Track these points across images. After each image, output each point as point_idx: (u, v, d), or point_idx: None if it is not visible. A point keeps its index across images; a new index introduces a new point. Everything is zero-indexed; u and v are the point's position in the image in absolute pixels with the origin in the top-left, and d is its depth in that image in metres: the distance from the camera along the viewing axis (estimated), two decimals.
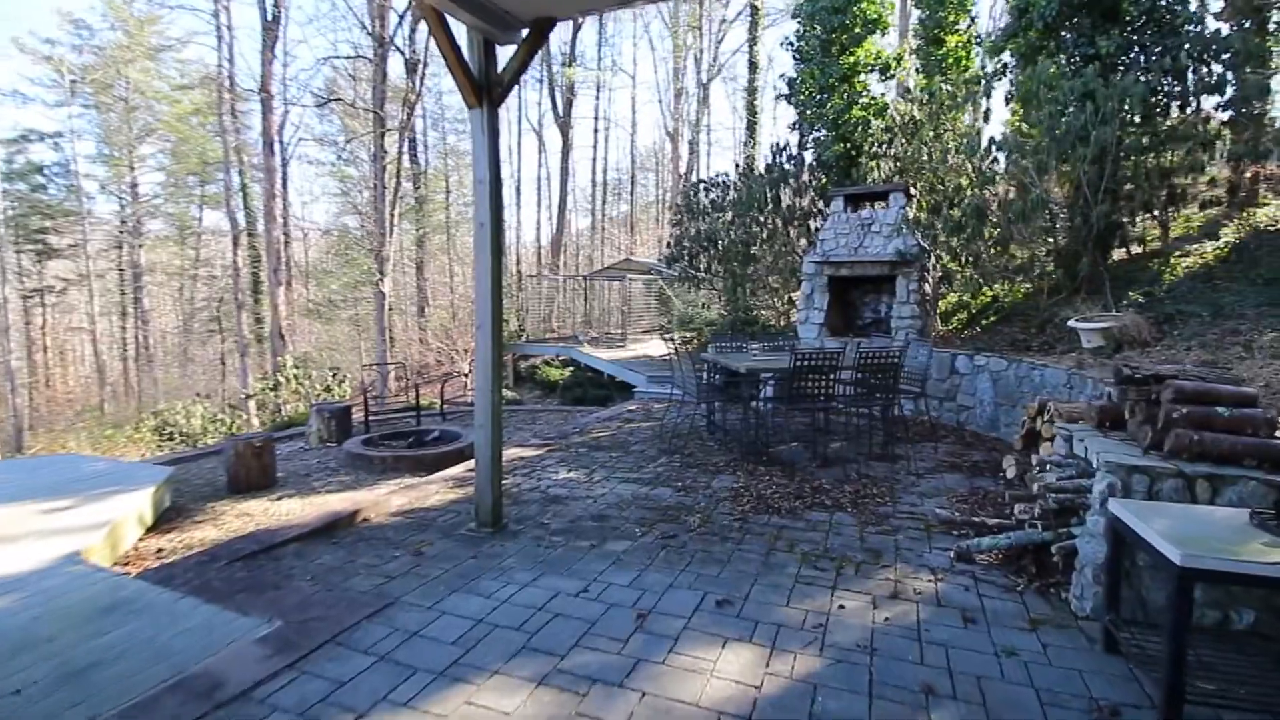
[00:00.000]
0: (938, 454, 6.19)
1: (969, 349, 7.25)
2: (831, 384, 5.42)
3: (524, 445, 6.80)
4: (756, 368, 5.61)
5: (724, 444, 6.61)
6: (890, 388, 5.61)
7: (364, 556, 3.79)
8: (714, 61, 34.64)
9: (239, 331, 29.57)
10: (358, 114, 25.34)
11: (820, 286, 8.65)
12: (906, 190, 8.20)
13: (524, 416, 9.38)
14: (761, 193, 10.56)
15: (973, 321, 9.16)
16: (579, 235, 39.72)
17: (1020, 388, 6.40)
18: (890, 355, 5.42)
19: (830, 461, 5.88)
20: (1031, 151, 7.12)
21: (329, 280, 29.43)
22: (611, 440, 6.98)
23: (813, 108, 10.49)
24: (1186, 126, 7.55)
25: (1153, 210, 8.08)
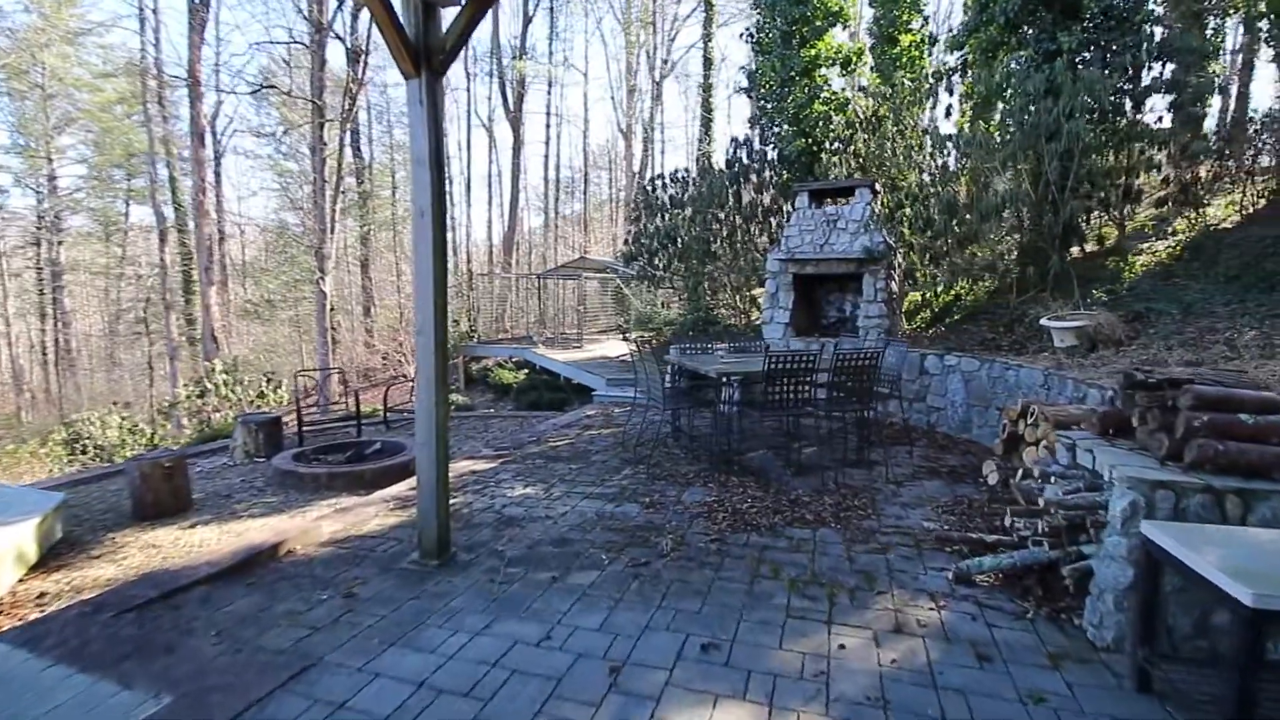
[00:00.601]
0: (913, 458, 5.95)
1: (938, 348, 7.06)
2: (807, 388, 5.08)
3: (475, 457, 6.25)
4: (727, 371, 5.23)
5: (691, 452, 6.21)
6: (867, 391, 5.31)
7: (285, 601, 3.23)
8: (667, 59, 34.40)
9: (168, 334, 27.81)
10: (295, 104, 24.04)
11: (785, 285, 8.36)
12: (872, 186, 7.99)
13: (475, 423, 8.81)
14: (721, 188, 10.23)
15: (936, 320, 9.04)
16: (532, 234, 38.93)
17: (994, 388, 6.22)
18: (868, 357, 5.13)
19: (805, 469, 5.56)
20: (997, 146, 6.97)
21: (266, 279, 27.89)
22: (571, 450, 6.51)
23: (773, 101, 10.23)
24: (1142, 125, 7.57)
25: (1110, 208, 8.09)
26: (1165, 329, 5.60)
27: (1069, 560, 3.12)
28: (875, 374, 5.26)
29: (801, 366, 4.97)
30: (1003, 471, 5.01)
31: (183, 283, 26.34)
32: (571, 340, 15.67)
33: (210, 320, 22.60)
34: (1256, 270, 5.98)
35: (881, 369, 5.35)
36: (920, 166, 9.57)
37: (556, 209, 39.21)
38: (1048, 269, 6.91)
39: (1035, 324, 6.81)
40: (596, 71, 60.38)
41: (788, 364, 4.94)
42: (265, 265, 29.15)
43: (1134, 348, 5.52)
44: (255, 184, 50.39)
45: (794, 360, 4.94)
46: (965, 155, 7.26)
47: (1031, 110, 6.48)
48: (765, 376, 4.95)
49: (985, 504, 4.61)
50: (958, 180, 7.48)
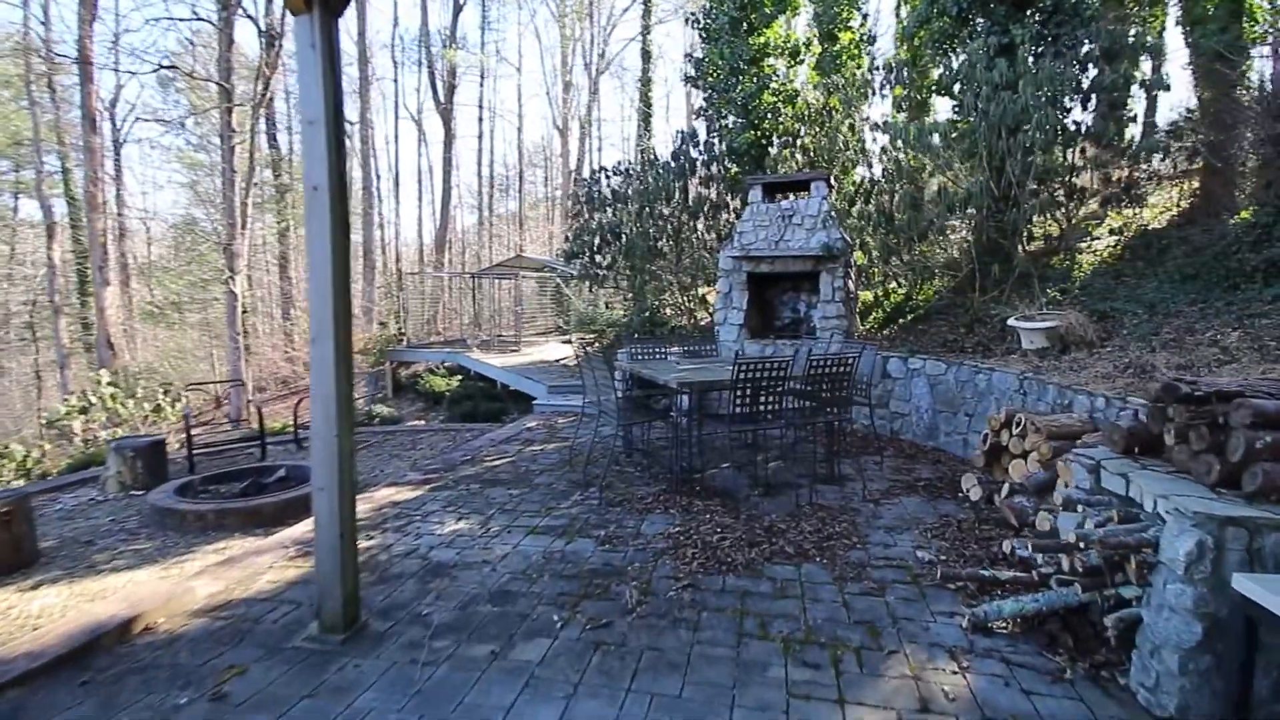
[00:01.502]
0: (884, 470, 5.53)
1: (901, 350, 6.71)
2: (777, 397, 4.55)
3: (399, 483, 5.44)
4: (690, 381, 4.64)
5: (647, 470, 5.60)
6: (843, 400, 4.83)
7: (128, 709, 2.41)
8: (603, 55, 33.77)
9: (57, 340, 25.18)
10: (206, 89, 22.04)
11: (739, 284, 7.86)
12: (829, 180, 7.59)
13: (402, 439, 7.92)
14: (667, 182, 9.67)
15: (889, 321, 8.75)
16: (465, 233, 37.50)
17: (962, 393, 5.88)
18: (843, 363, 4.64)
19: (773, 487, 5.03)
20: (955, 140, 6.67)
21: (170, 279, 25.61)
22: (511, 470, 5.77)
23: (721, 91, 9.74)
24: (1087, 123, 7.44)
25: (1056, 206, 7.98)
26: (1138, 330, 5.38)
27: (1108, 607, 2.67)
28: (851, 381, 4.78)
29: (773, 374, 4.43)
30: (986, 486, 4.63)
31: (79, 283, 23.85)
32: (509, 343, 14.80)
33: (105, 325, 20.40)
34: (1217, 269, 5.88)
35: (856, 375, 4.88)
36: (870, 161, 9.29)
37: (491, 207, 37.93)
38: (1013, 267, 6.66)
39: (999, 324, 6.55)
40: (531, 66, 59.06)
41: (758, 372, 4.39)
42: (169, 264, 26.74)
43: (1108, 349, 5.27)
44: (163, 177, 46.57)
45: (765, 367, 4.39)
46: (925, 148, 6.94)
47: (993, 102, 6.18)
48: (733, 386, 4.38)
49: (975, 525, 4.19)
50: (919, 174, 7.16)
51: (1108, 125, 7.23)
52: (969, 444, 5.75)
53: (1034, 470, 4.27)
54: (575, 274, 11.58)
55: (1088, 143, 7.42)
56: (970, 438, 5.75)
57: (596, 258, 10.34)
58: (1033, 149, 6.30)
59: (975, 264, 6.82)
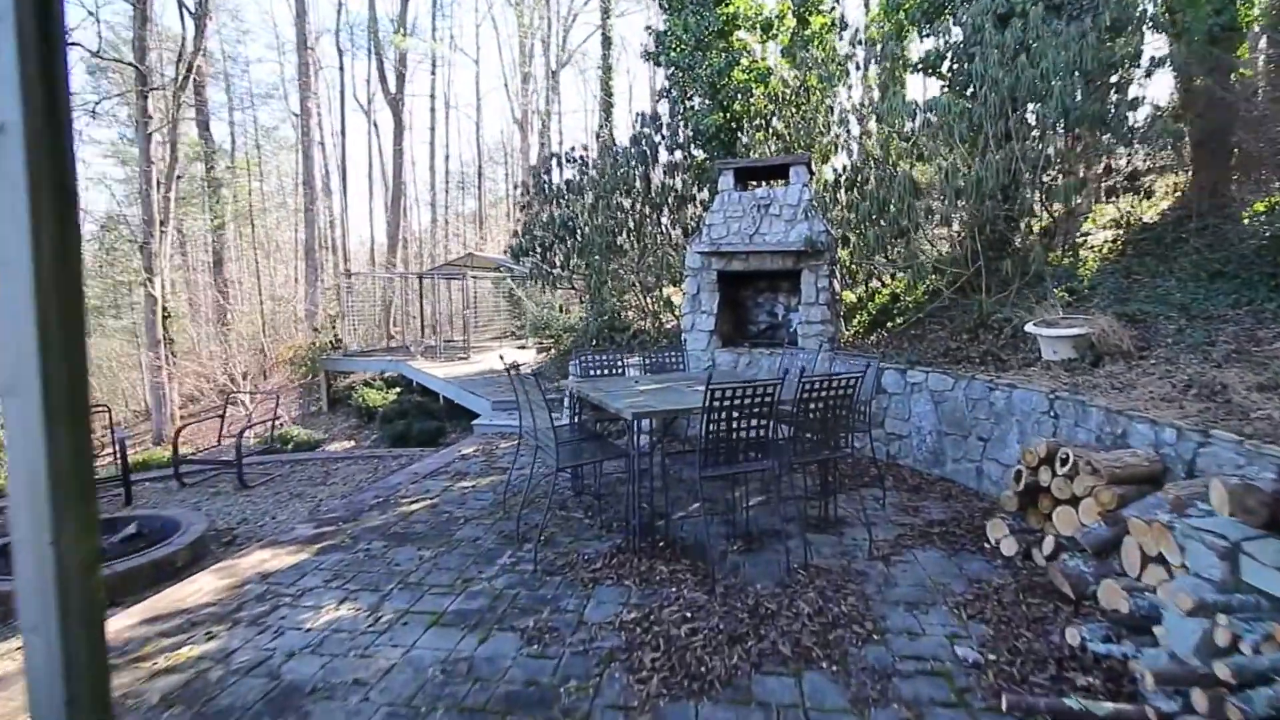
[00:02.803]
0: (886, 509, 4.57)
1: (899, 361, 5.77)
2: (763, 429, 3.53)
3: (281, 541, 4.25)
4: (649, 411, 3.58)
5: (599, 514, 4.52)
6: (844, 429, 3.83)
7: None
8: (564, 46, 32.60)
9: None
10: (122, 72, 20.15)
11: (708, 284, 6.85)
12: (809, 164, 6.62)
13: (313, 472, 6.69)
14: (627, 170, 8.61)
15: (875, 325, 7.85)
16: (422, 232, 35.85)
17: (974, 413, 4.96)
18: (845, 386, 3.64)
19: (754, 539, 4.02)
20: (956, 118, 5.76)
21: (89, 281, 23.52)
22: (429, 518, 4.64)
23: (685, 69, 8.72)
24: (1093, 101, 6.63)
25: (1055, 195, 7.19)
26: (1185, 338, 4.52)
27: None
28: (853, 406, 3.79)
29: (755, 403, 3.40)
30: (1020, 538, 3.69)
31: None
32: (457, 350, 13.55)
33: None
34: (1258, 266, 5.10)
35: (859, 398, 3.89)
36: (850, 148, 8.39)
37: (447, 204, 36.38)
38: (1027, 264, 5.80)
39: (1008, 329, 5.67)
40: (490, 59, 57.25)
41: (737, 400, 3.36)
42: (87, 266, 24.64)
43: (1151, 361, 4.40)
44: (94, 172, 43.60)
45: (745, 395, 3.36)
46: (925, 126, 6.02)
47: (1005, 70, 5.28)
48: (705, 418, 3.34)
49: (1019, 596, 3.23)
50: (912, 157, 6.24)
51: (1109, 106, 6.42)
52: (985, 475, 4.84)
53: (1089, 523, 3.34)
54: (527, 273, 10.42)
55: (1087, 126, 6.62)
56: (986, 466, 4.83)
57: (548, 255, 9.22)
58: (1046, 128, 5.43)
59: (981, 260, 5.93)
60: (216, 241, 25.27)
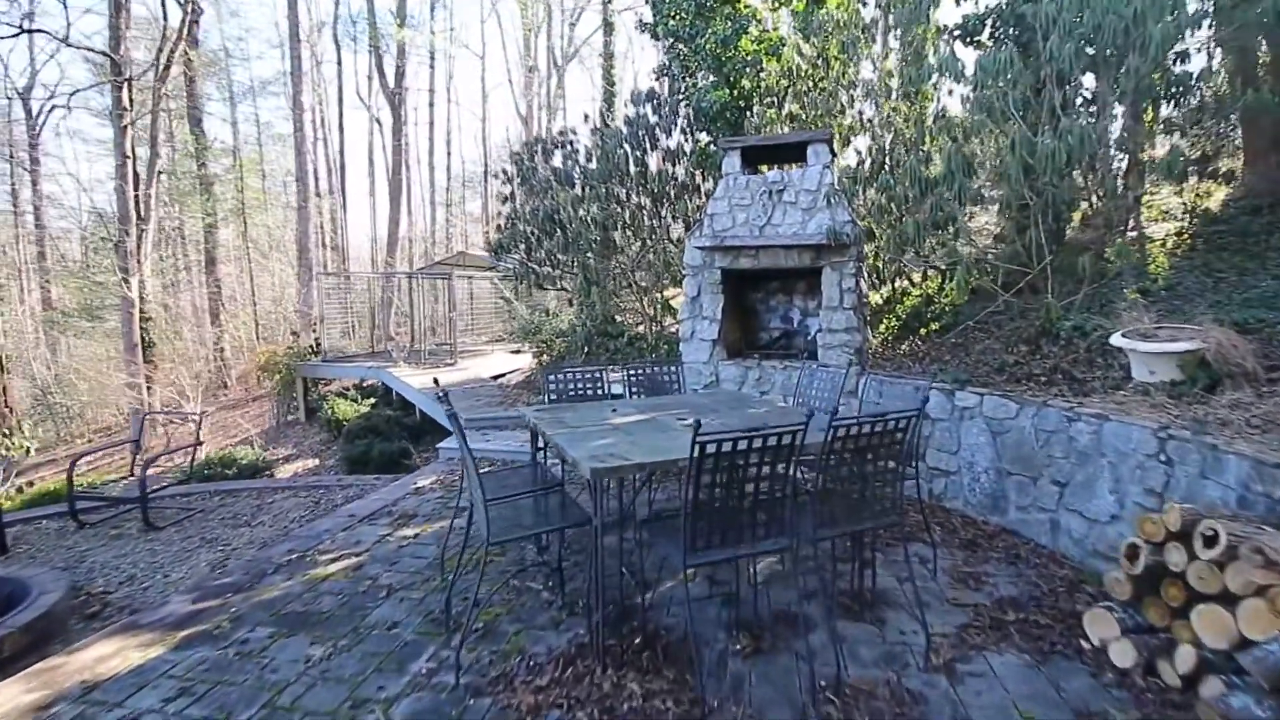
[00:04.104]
0: (939, 578, 3.49)
1: (943, 379, 4.69)
2: (783, 493, 2.46)
3: (140, 623, 3.23)
4: (617, 467, 2.53)
5: (561, 587, 3.46)
6: (890, 489, 2.76)
7: None
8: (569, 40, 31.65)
9: None
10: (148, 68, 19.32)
11: (711, 284, 5.79)
12: (829, 142, 5.54)
13: (244, 506, 5.68)
14: (621, 156, 7.57)
15: (907, 331, 6.75)
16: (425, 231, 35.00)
17: (1047, 449, 3.86)
18: (894, 429, 2.57)
19: (764, 631, 2.96)
20: (1020, 75, 4.66)
21: (74, 282, 22.93)
22: (345, 587, 3.60)
23: (685, 39, 7.65)
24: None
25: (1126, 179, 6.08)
26: None
27: None
28: (901, 454, 2.71)
29: (769, 454, 2.34)
30: (1140, 645, 2.61)
31: None
32: (443, 356, 12.55)
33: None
34: None
35: (911, 440, 2.81)
36: (874, 129, 7.28)
37: (449, 202, 35.52)
38: (1104, 256, 4.70)
39: (1083, 341, 4.56)
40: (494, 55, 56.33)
41: (742, 453, 2.30)
42: (71, 266, 23.99)
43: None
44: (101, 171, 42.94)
45: (754, 445, 2.30)
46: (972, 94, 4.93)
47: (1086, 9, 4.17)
48: (694, 481, 2.28)
49: None
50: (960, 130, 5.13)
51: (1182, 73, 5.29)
52: (1063, 530, 3.74)
53: (1260, 638, 2.25)
54: (512, 272, 9.39)
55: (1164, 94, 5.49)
56: (1065, 519, 3.74)
57: (533, 252, 8.20)
58: (1111, 97, 4.32)
59: (1045, 253, 4.82)
60: (209, 241, 24.50)
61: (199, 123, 24.55)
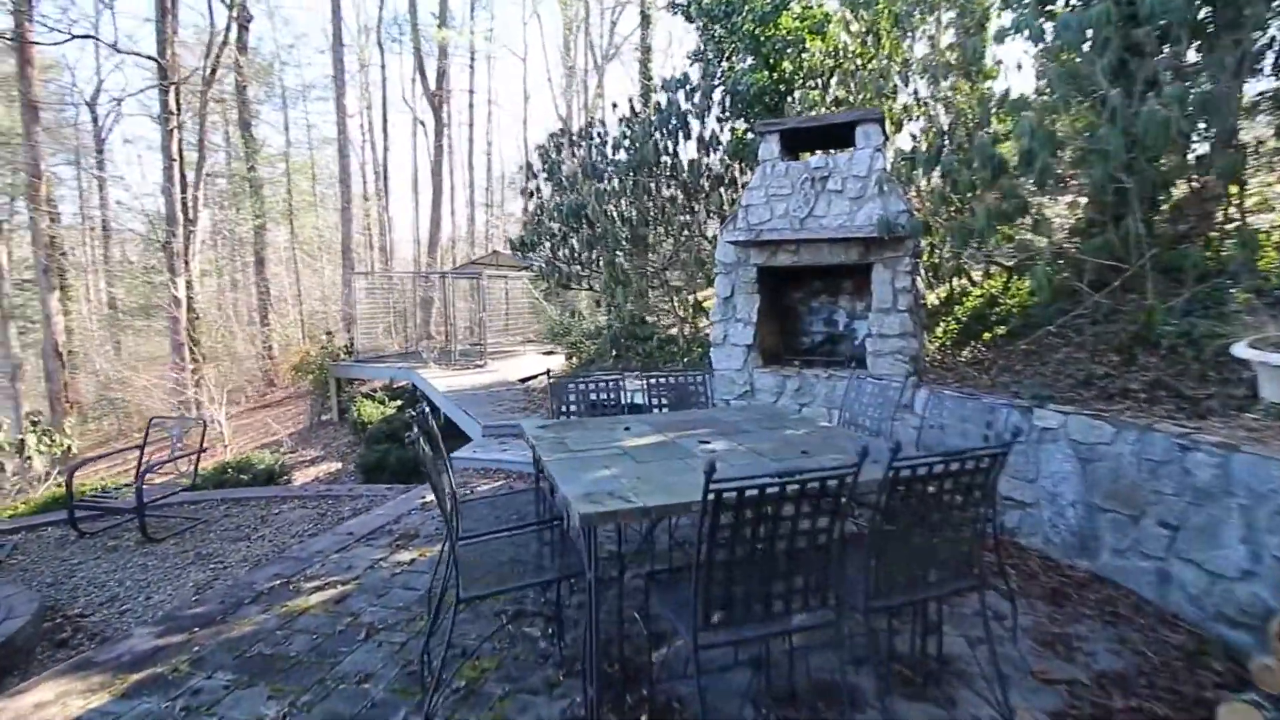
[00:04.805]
0: (1017, 641, 2.86)
1: (1022, 394, 4.02)
2: (826, 551, 1.90)
3: (94, 662, 2.88)
4: (606, 511, 2.02)
5: (561, 636, 2.96)
6: (966, 546, 2.17)
7: None
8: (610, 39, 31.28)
9: (7, 349, 23.37)
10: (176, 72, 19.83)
11: (745, 283, 5.22)
12: (881, 121, 4.91)
13: (249, 517, 5.39)
14: (651, 146, 7.06)
15: (967, 335, 6.03)
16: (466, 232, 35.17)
17: (1154, 482, 3.18)
18: (975, 471, 1.98)
19: (799, 710, 2.40)
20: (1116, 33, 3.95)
21: (125, 281, 23.70)
22: (322, 624, 3.19)
23: (720, 20, 7.09)
24: None
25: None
26: None
27: None
28: (984, 502, 2.12)
29: (809, 502, 1.79)
30: None
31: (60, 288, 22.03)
32: (474, 357, 12.28)
33: (53, 333, 18.28)
34: None
35: (994, 480, 2.21)
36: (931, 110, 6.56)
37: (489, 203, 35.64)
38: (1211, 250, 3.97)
39: (1187, 349, 3.84)
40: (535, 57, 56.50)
41: (769, 503, 1.75)
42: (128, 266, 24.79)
43: None
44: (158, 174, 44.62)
45: (787, 494, 1.75)
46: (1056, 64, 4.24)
47: None
48: (705, 541, 1.75)
49: None
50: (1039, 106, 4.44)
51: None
52: (1176, 583, 3.06)
53: None
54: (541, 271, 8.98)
55: None
56: (1178, 570, 3.05)
57: (559, 251, 7.76)
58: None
59: (1146, 246, 4.10)
60: (258, 242, 25.05)
61: (248, 127, 25.07)
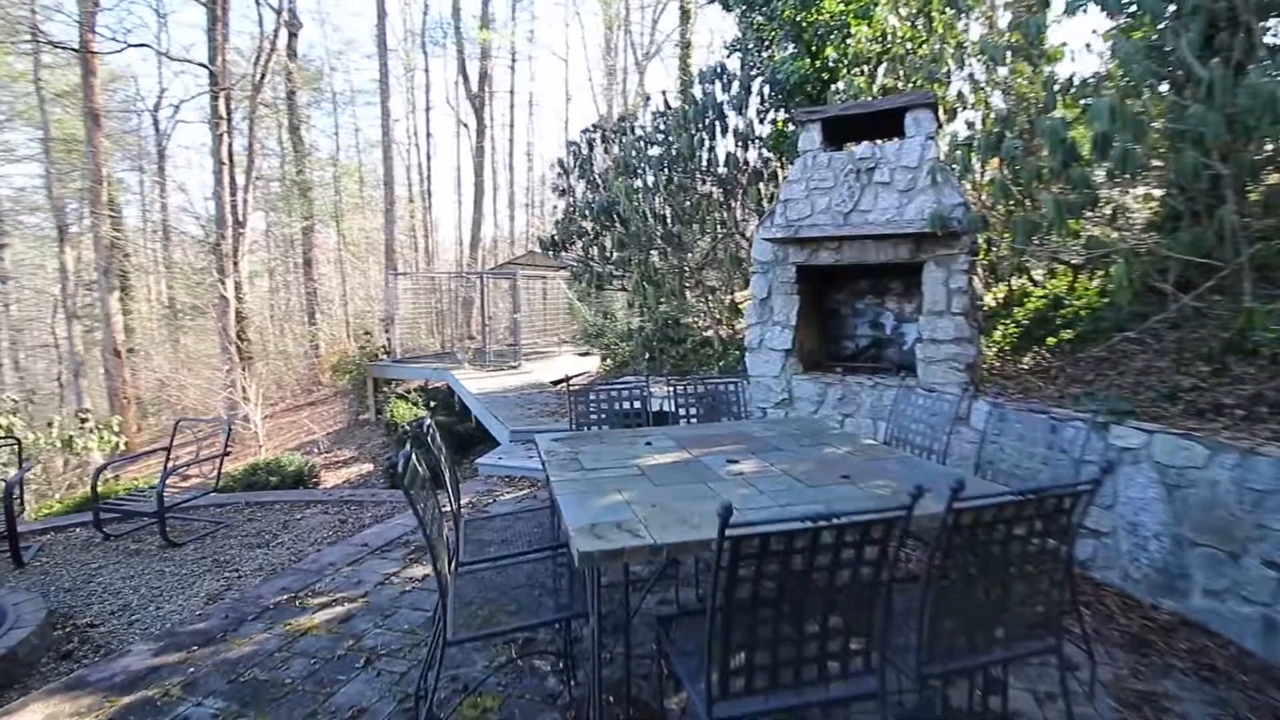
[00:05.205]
0: (1095, 700, 2.47)
1: (1088, 407, 3.58)
2: (869, 608, 1.58)
3: (86, 682, 2.75)
4: (610, 550, 1.74)
5: (572, 671, 2.70)
6: (1042, 600, 1.81)
7: None
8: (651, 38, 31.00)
9: (71, 348, 24.56)
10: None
11: (783, 283, 4.88)
12: (934, 106, 4.50)
13: (270, 521, 5.31)
14: (685, 139, 6.76)
15: (1029, 340, 5.54)
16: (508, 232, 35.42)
17: (1257, 514, 2.74)
18: (1054, 511, 1.64)
19: None
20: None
21: (177, 281, 24.60)
22: (323, 646, 3.01)
23: (759, 6, 6.73)
24: None
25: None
26: None
27: None
28: (1066, 546, 1.76)
29: (848, 550, 1.47)
30: None
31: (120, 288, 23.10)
32: (508, 358, 12.17)
33: (112, 332, 19.06)
34: None
35: (1078, 521, 1.85)
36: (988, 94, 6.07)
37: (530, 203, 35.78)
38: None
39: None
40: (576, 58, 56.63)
41: (801, 552, 1.45)
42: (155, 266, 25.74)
43: None
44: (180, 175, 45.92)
45: (822, 541, 1.44)
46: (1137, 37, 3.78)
47: None
48: (726, 591, 1.45)
49: None
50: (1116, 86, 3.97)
51: None
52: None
53: None
54: (575, 271, 8.77)
55: None
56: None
57: (590, 250, 7.53)
58: None
59: (1241, 240, 3.60)
60: (306, 243, 25.68)
61: (297, 130, 25.68)
